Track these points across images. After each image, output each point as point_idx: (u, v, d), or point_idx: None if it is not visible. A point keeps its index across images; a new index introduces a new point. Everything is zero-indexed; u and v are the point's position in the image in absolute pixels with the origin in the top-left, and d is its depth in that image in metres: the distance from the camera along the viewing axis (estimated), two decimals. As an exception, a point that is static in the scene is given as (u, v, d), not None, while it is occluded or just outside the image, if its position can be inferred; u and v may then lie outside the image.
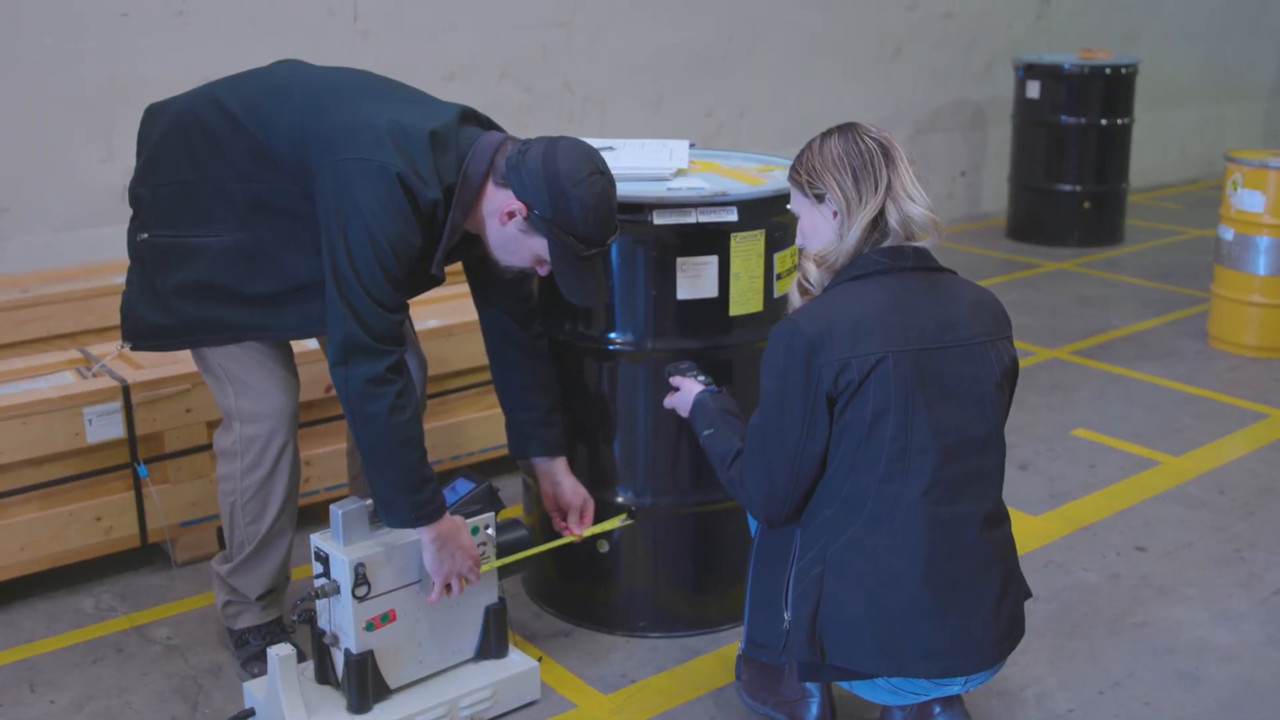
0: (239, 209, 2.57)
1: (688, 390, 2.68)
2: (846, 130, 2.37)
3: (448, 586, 2.60)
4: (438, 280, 2.66)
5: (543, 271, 2.58)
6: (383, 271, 2.41)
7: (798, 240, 2.46)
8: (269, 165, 2.53)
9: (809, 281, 2.39)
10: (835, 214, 2.34)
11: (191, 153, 2.60)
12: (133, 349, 2.77)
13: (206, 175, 2.58)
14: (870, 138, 2.35)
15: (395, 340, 2.46)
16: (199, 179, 2.59)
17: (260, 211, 2.56)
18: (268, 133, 2.53)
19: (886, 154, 2.33)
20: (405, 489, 2.47)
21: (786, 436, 2.30)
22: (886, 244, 2.33)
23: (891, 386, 2.24)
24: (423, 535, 2.53)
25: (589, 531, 2.92)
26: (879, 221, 2.32)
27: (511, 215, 2.50)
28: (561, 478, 2.92)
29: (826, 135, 2.39)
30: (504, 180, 2.50)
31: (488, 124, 2.64)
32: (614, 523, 2.94)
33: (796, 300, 2.42)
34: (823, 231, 2.37)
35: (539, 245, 2.52)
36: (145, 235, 2.66)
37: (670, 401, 2.74)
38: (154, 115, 2.71)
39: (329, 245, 2.43)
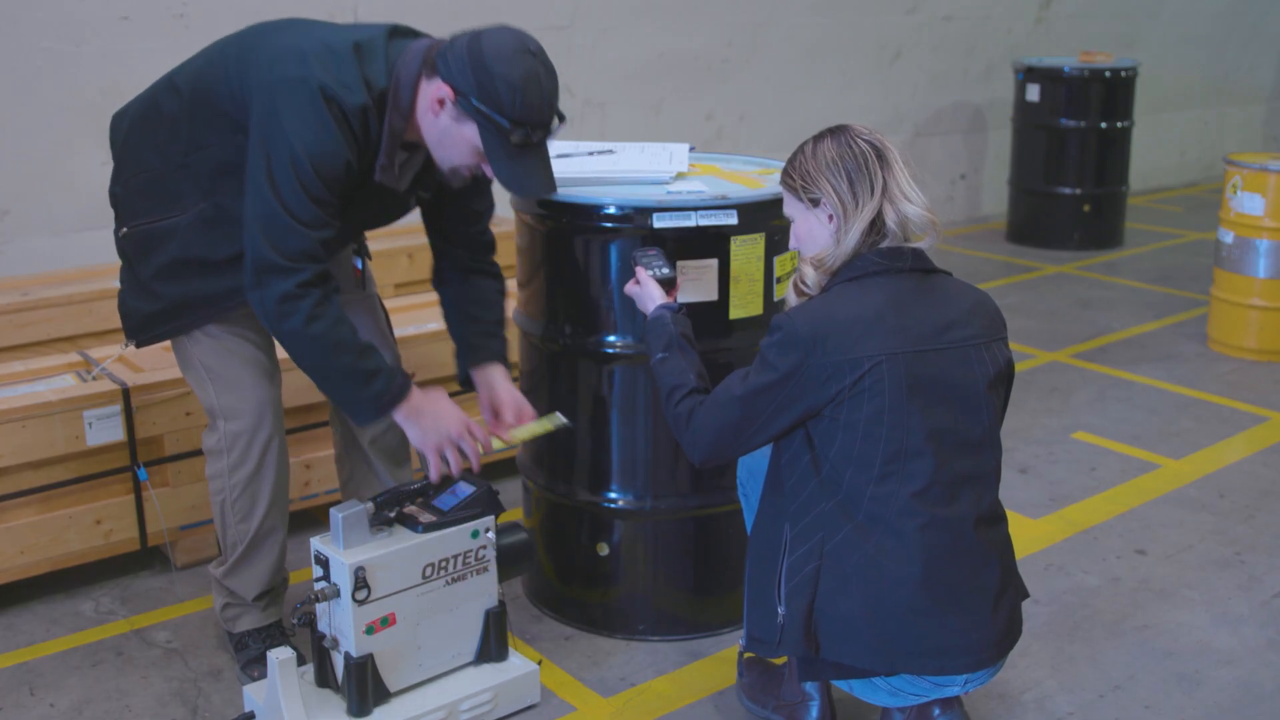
0: (200, 179, 2.59)
1: (648, 293, 2.67)
2: (839, 133, 2.37)
3: (446, 462, 2.59)
4: (404, 205, 2.64)
5: (487, 171, 2.54)
6: (301, 186, 2.40)
7: (791, 244, 2.46)
8: (218, 124, 2.55)
9: (806, 284, 2.39)
10: (831, 218, 2.34)
11: (154, 140, 2.63)
12: (138, 346, 2.78)
13: (168, 156, 2.61)
14: (863, 140, 2.34)
15: (309, 258, 2.44)
16: (163, 162, 2.62)
17: (219, 176, 2.57)
18: (212, 93, 2.55)
19: (881, 156, 2.33)
20: (355, 388, 2.49)
21: (749, 412, 2.32)
22: (885, 245, 2.33)
23: (886, 388, 2.24)
24: (397, 419, 2.53)
25: (521, 434, 2.83)
26: (876, 223, 2.32)
27: (441, 104, 2.47)
28: (499, 382, 2.86)
29: (819, 138, 2.38)
30: (433, 70, 2.48)
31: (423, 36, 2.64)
32: (547, 424, 2.82)
33: (793, 303, 2.41)
34: (819, 236, 2.37)
35: (471, 132, 2.48)
36: (124, 230, 2.69)
37: (630, 291, 2.73)
38: (118, 119, 2.76)
39: (251, 165, 2.43)
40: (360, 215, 2.66)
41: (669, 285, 2.70)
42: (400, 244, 4.71)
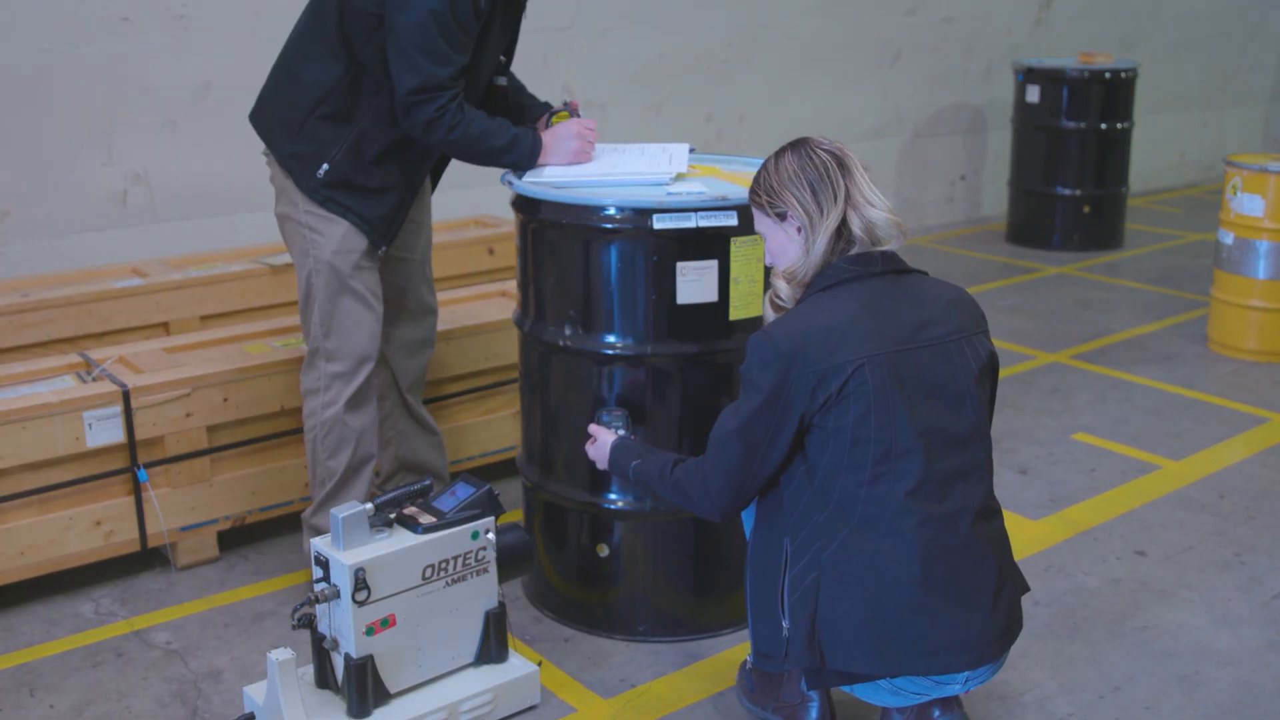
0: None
1: (604, 440, 2.71)
2: (799, 146, 2.40)
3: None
4: (500, 50, 3.12)
5: None
6: (438, 29, 2.83)
7: (766, 260, 2.50)
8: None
9: (781, 298, 2.42)
10: (799, 229, 2.37)
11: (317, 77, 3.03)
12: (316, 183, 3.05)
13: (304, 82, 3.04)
14: (823, 150, 2.37)
15: (440, 89, 2.88)
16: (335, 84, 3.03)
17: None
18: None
19: (841, 164, 2.36)
20: (503, 158, 3.02)
21: (748, 442, 2.33)
22: (854, 252, 2.35)
23: (871, 391, 2.25)
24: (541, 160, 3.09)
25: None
26: (843, 231, 2.35)
27: None
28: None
29: (780, 154, 2.42)
30: None
31: None
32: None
33: (770, 317, 2.44)
34: (789, 248, 2.40)
35: None
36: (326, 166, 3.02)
37: (589, 451, 2.76)
38: (260, 107, 3.14)
39: (389, 11, 2.87)
40: (479, 60, 3.04)
41: None
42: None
